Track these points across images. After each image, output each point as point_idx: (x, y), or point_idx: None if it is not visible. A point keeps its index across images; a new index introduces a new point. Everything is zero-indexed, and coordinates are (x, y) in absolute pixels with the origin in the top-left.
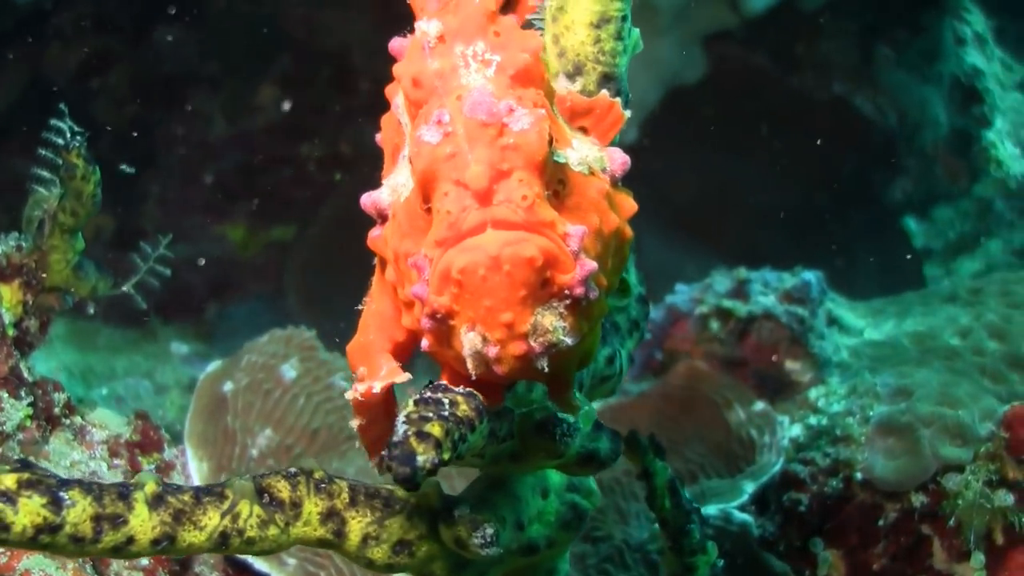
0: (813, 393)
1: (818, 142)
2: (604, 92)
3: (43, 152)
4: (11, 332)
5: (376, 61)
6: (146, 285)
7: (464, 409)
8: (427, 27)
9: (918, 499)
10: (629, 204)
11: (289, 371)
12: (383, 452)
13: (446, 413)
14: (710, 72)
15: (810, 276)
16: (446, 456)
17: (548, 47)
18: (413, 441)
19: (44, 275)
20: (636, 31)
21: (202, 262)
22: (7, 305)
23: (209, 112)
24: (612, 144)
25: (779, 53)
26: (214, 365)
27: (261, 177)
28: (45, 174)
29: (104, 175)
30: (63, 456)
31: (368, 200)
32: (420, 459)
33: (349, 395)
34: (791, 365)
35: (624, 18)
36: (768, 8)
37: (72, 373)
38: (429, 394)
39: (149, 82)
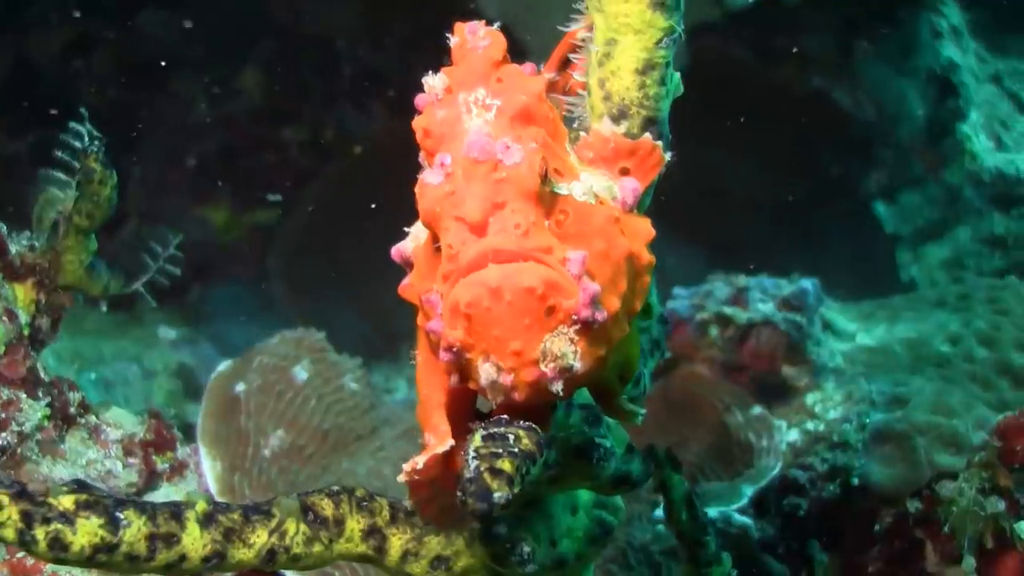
0: (810, 398)
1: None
2: (647, 135)
3: (59, 154)
4: (26, 332)
5: (360, 46)
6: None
7: (526, 443)
8: (434, 81)
9: (913, 505)
10: (645, 229)
11: (301, 373)
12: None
13: (514, 449)
14: (691, 64)
15: (807, 283)
16: (516, 490)
17: (593, 90)
18: (487, 477)
19: (57, 275)
20: (677, 75)
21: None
22: (21, 304)
23: (192, 95)
24: (651, 186)
25: (760, 46)
26: (225, 364)
27: (243, 160)
28: (60, 175)
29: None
30: (79, 455)
31: (395, 250)
32: (496, 495)
33: (402, 479)
34: (788, 370)
35: (668, 64)
36: (750, 2)
37: (61, 357)
38: (494, 428)
39: (132, 64)
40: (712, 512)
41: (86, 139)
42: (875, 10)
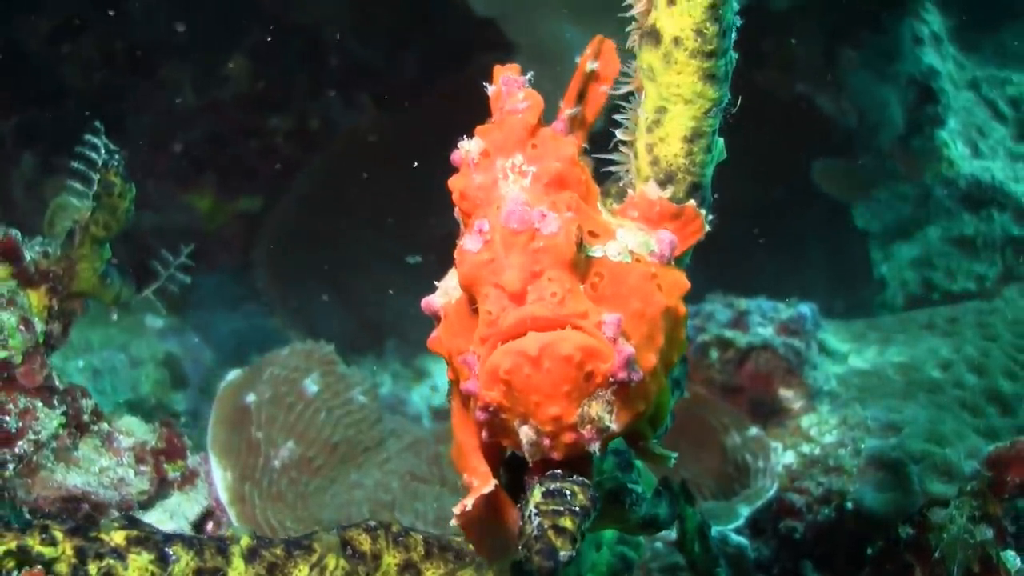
0: (805, 421)
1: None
2: (692, 202)
3: (76, 165)
4: (41, 340)
5: (347, 37)
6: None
7: (581, 499)
8: (470, 146)
9: (904, 530)
10: (681, 282)
11: (311, 386)
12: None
13: (574, 507)
14: None
15: (805, 308)
16: (578, 547)
17: (640, 154)
18: (552, 535)
19: (71, 282)
20: (720, 141)
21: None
22: (35, 311)
23: (179, 81)
24: (686, 254)
25: (746, 50)
26: (235, 373)
27: (229, 147)
28: (76, 185)
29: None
30: (92, 463)
31: (425, 303)
32: (563, 554)
33: (454, 523)
34: (785, 393)
35: (714, 132)
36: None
37: None
38: (551, 484)
39: (120, 49)
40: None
41: (103, 152)
42: (860, 16)
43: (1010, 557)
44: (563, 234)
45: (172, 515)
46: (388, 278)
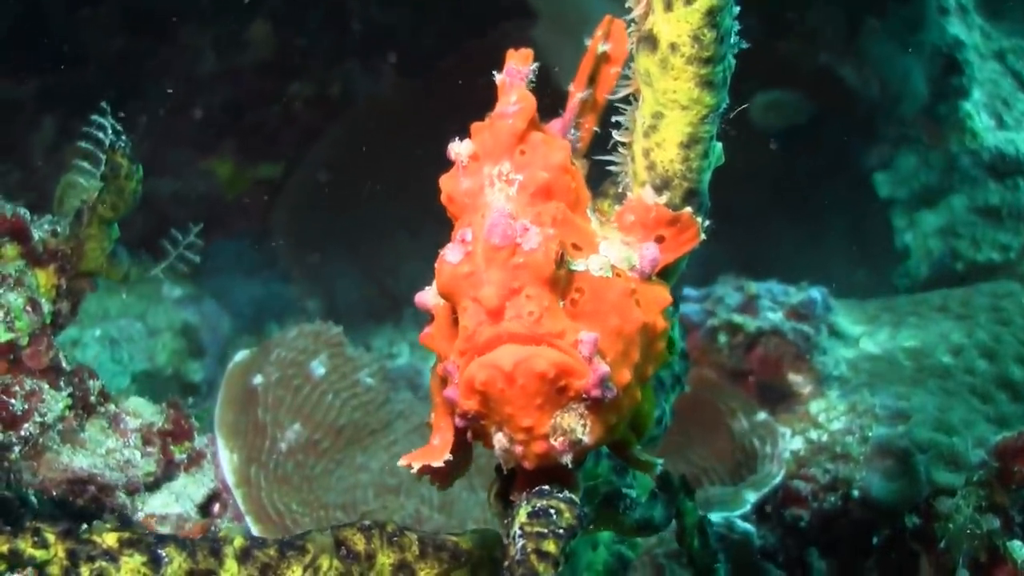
0: (814, 407)
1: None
2: (688, 209)
3: (83, 144)
4: (48, 320)
5: (370, 3)
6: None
7: (567, 517)
8: (460, 148)
9: (911, 519)
10: (662, 297)
11: (318, 368)
12: (505, 565)
13: (559, 530)
14: None
15: (816, 293)
16: (560, 570)
17: (637, 158)
18: (534, 560)
19: (80, 261)
20: (719, 146)
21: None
22: (43, 291)
23: (200, 46)
24: (681, 260)
25: (769, 20)
26: (242, 355)
27: (250, 114)
28: (84, 164)
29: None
30: (99, 444)
31: (418, 299)
32: None
33: (401, 464)
34: (793, 378)
35: (711, 138)
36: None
37: None
38: (537, 501)
39: (140, 14)
40: (715, 517)
41: (110, 132)
42: None
43: (1016, 547)
44: (542, 252)
45: (178, 497)
46: (407, 247)
